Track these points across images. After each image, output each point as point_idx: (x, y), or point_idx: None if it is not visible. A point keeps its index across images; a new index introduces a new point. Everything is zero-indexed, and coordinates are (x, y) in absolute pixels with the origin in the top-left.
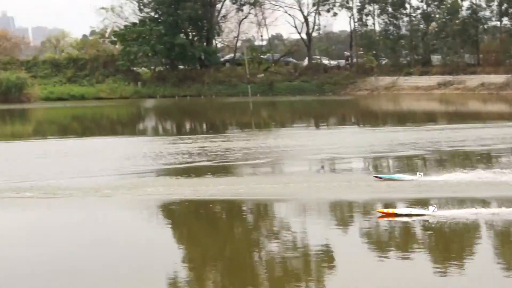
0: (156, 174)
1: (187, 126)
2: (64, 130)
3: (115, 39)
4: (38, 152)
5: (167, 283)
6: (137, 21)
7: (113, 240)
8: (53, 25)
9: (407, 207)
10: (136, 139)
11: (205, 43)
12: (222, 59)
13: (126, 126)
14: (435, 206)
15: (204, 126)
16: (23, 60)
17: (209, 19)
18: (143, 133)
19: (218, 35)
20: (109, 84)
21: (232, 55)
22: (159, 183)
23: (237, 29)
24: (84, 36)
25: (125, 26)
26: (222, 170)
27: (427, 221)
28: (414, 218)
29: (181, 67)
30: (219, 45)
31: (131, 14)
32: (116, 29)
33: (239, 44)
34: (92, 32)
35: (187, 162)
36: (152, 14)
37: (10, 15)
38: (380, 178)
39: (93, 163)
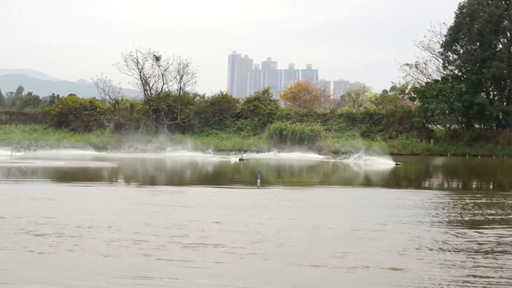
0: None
1: (470, 184)
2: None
3: (415, 95)
4: None
5: None
6: (439, 78)
7: None
8: (355, 79)
9: None
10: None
11: (505, 103)
12: None
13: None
14: None
15: (490, 185)
16: (320, 113)
17: None
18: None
19: None
20: (402, 140)
21: None
22: None
23: None
24: (384, 91)
25: (427, 83)
26: None
27: None
28: None
29: (477, 126)
30: None
31: (434, 71)
32: (417, 85)
33: None
34: (393, 88)
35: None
36: (456, 72)
37: (314, 68)
38: None
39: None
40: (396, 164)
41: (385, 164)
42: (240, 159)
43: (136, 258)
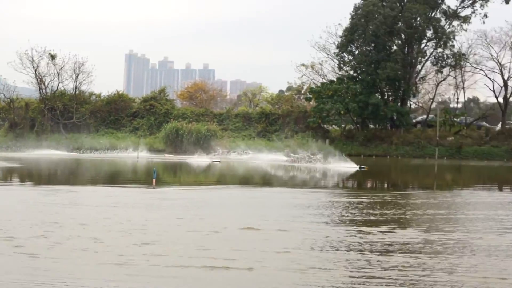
0: None
1: (365, 183)
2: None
3: (310, 95)
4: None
5: None
6: (335, 79)
7: None
8: (252, 79)
9: None
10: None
11: (399, 104)
12: (414, 120)
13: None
14: None
15: (385, 185)
16: (217, 112)
17: (407, 80)
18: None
19: (414, 96)
20: (297, 140)
21: (424, 116)
22: None
23: (433, 90)
24: (281, 91)
25: (322, 83)
26: None
27: None
28: None
29: (371, 126)
30: (413, 106)
31: (330, 71)
32: (313, 86)
33: (433, 105)
34: (289, 88)
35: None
36: (351, 72)
37: (211, 68)
38: None
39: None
40: (360, 168)
41: (348, 167)
42: (214, 161)
43: (24, 259)
